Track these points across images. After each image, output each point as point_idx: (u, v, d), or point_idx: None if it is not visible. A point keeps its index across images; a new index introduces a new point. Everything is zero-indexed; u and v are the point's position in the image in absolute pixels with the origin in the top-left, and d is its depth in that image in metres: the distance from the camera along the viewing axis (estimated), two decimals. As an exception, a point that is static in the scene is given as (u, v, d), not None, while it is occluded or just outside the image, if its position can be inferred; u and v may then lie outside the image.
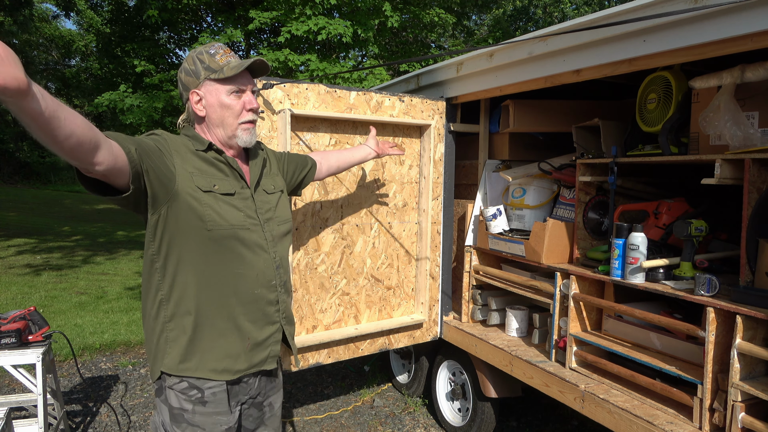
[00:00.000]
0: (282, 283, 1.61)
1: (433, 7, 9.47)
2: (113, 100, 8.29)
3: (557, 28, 2.18)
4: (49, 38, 22.84)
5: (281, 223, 1.65)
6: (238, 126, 1.53)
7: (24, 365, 2.60)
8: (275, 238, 1.60)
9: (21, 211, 13.85)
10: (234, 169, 1.55)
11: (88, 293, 6.43)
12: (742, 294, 1.75)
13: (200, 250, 1.44)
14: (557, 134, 3.16)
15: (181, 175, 1.41)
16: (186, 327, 1.45)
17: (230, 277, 1.48)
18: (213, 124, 1.53)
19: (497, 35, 13.48)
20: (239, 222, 1.49)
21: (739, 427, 1.70)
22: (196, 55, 1.51)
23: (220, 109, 1.50)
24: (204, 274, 1.45)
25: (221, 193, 1.48)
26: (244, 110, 1.53)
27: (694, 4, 1.67)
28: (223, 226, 1.45)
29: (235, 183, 1.54)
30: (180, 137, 1.52)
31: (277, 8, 7.64)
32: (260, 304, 1.54)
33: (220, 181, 1.50)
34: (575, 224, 2.50)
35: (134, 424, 3.34)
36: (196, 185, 1.43)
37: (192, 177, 1.43)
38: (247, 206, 1.54)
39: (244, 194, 1.55)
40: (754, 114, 1.91)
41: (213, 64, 1.49)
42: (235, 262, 1.48)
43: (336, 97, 2.62)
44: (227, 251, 1.46)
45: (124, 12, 10.08)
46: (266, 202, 1.62)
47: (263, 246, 1.55)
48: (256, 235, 1.53)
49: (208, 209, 1.43)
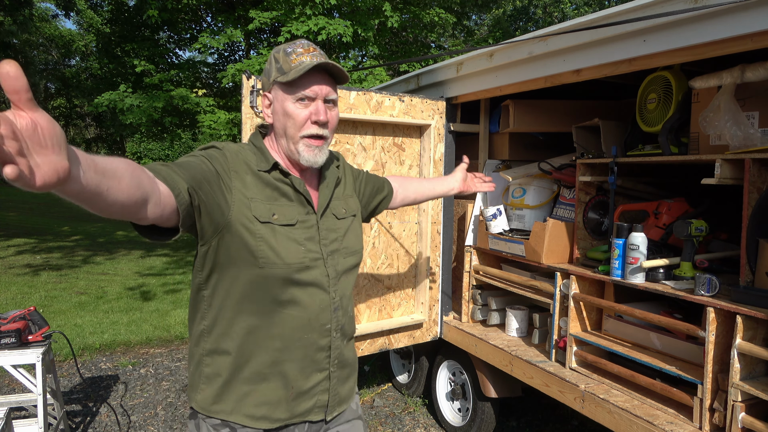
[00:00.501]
0: (339, 327, 1.39)
1: (433, 7, 9.48)
2: (113, 99, 8.29)
3: (557, 28, 2.18)
4: (49, 38, 22.85)
5: (348, 255, 1.42)
6: (299, 140, 1.30)
7: (24, 365, 2.60)
8: (338, 273, 1.38)
9: (21, 211, 13.85)
10: (300, 192, 1.33)
11: (88, 293, 6.43)
12: (742, 294, 1.75)
13: (249, 288, 1.26)
14: (557, 134, 3.16)
15: (237, 203, 1.23)
16: (223, 368, 1.30)
17: (278, 319, 1.29)
18: (278, 134, 1.34)
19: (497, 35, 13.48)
20: (297, 260, 1.28)
21: (740, 427, 1.70)
22: (274, 52, 1.33)
23: (283, 118, 1.30)
24: (250, 314, 1.28)
25: (280, 224, 1.27)
26: (309, 121, 1.29)
27: (694, 4, 1.67)
28: (277, 264, 1.25)
29: (300, 209, 1.33)
30: (244, 151, 1.32)
31: (277, 8, 7.65)
32: (309, 351, 1.34)
33: (282, 208, 1.29)
34: (575, 224, 2.50)
35: (134, 424, 3.34)
36: (253, 215, 1.23)
37: (250, 205, 1.24)
38: (310, 237, 1.32)
39: (308, 222, 1.33)
40: (754, 114, 1.91)
41: (285, 65, 1.28)
42: (286, 303, 1.29)
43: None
44: (279, 291, 1.27)
45: (124, 12, 10.09)
46: (333, 230, 1.39)
47: (323, 285, 1.33)
48: (315, 273, 1.31)
49: (263, 244, 1.24)
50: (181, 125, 9.81)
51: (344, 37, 7.57)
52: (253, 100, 2.43)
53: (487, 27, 19.25)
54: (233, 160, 1.27)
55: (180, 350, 4.72)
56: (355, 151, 2.74)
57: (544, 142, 3.22)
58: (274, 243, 1.25)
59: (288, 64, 1.28)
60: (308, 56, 1.28)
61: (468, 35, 13.84)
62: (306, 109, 1.29)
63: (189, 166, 1.17)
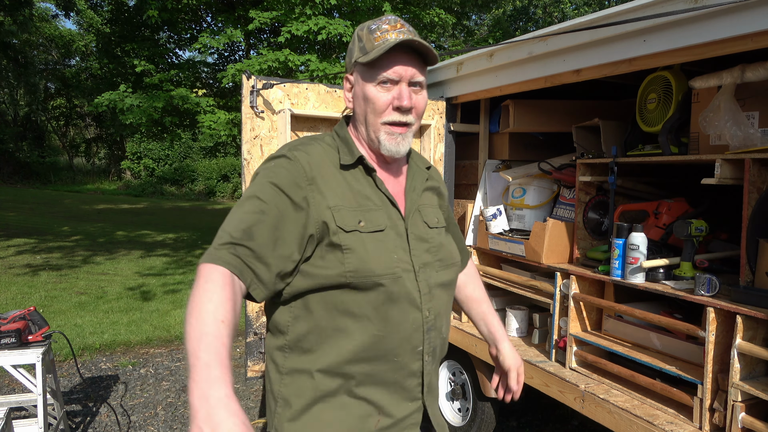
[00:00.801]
0: (431, 350, 1.20)
1: (433, 7, 9.48)
2: (113, 99, 8.29)
3: (557, 28, 2.18)
4: (49, 38, 22.86)
5: (443, 268, 1.23)
6: (380, 127, 1.16)
7: (24, 365, 2.60)
8: (432, 288, 1.18)
9: (21, 211, 13.86)
10: (384, 194, 1.19)
11: (88, 293, 6.43)
12: (743, 294, 1.75)
13: (334, 303, 1.11)
14: (557, 134, 3.16)
15: (319, 221, 1.09)
16: (303, 391, 1.14)
17: (365, 339, 1.12)
18: (358, 121, 1.21)
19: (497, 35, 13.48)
20: (386, 269, 1.11)
21: (740, 427, 1.70)
22: (358, 30, 1.19)
23: (363, 103, 1.16)
24: (334, 333, 1.12)
25: (368, 231, 1.12)
26: (391, 107, 1.14)
27: (694, 4, 1.67)
28: (364, 275, 1.09)
29: (387, 212, 1.17)
30: (323, 145, 1.19)
31: (277, 8, 7.65)
32: (398, 375, 1.16)
33: (369, 213, 1.14)
34: (575, 224, 2.50)
35: (134, 424, 3.34)
36: (337, 225, 1.09)
37: (333, 215, 1.10)
38: (399, 245, 1.15)
39: (397, 228, 1.17)
40: (754, 114, 1.91)
41: (367, 44, 1.14)
42: (374, 320, 1.11)
43: (336, 97, 2.62)
44: (367, 307, 1.11)
45: (124, 12, 10.09)
46: (424, 239, 1.21)
47: (414, 300, 1.15)
48: (407, 286, 1.14)
49: (350, 255, 1.09)
50: (181, 125, 9.81)
51: (344, 37, 7.58)
52: (253, 100, 2.43)
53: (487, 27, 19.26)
54: (310, 167, 1.12)
55: (180, 350, 4.72)
56: (355, 151, 2.74)
57: (544, 142, 3.22)
58: (362, 252, 1.10)
59: (371, 43, 1.14)
60: (394, 33, 1.13)
61: (468, 35, 13.85)
62: (388, 93, 1.14)
63: (262, 237, 1.03)
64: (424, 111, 1.21)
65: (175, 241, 10.64)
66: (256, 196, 1.07)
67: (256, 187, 1.10)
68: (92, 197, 19.69)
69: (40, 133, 24.93)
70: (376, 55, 1.10)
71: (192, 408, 0.80)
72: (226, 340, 0.89)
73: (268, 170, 1.12)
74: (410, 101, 1.15)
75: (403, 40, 1.10)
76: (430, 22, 9.31)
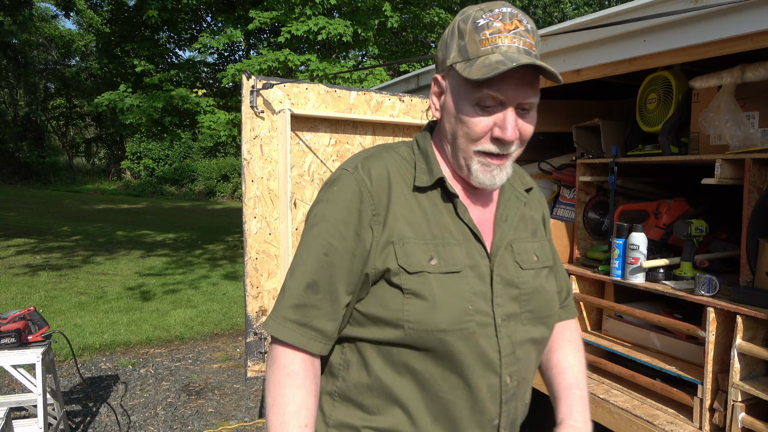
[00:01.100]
0: (510, 423, 0.98)
1: (433, 7, 9.49)
2: (113, 99, 8.31)
3: (557, 28, 2.18)
4: (49, 38, 22.85)
5: (535, 322, 0.97)
6: (472, 155, 0.92)
7: (24, 365, 2.60)
8: (516, 347, 0.94)
9: (21, 211, 13.86)
10: (467, 224, 0.95)
11: (88, 293, 6.43)
12: (743, 294, 1.75)
13: (390, 355, 0.92)
14: (557, 134, 3.16)
15: (378, 254, 0.91)
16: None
17: (426, 405, 0.92)
18: (444, 138, 0.97)
19: (497, 35, 13.46)
20: (456, 322, 0.88)
21: (740, 427, 1.70)
22: (460, 20, 0.91)
23: (455, 121, 0.92)
24: (389, 391, 0.92)
25: (440, 272, 0.90)
26: (489, 135, 0.90)
27: (694, 4, 1.67)
28: (426, 328, 0.88)
29: (467, 249, 0.93)
30: (399, 161, 0.97)
31: (277, 8, 7.65)
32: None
33: (444, 248, 0.92)
34: (575, 224, 2.50)
35: (134, 424, 3.34)
36: (399, 265, 0.89)
37: (396, 251, 0.90)
38: (479, 291, 0.91)
39: (478, 269, 0.93)
40: (754, 114, 1.91)
41: (470, 46, 0.88)
42: (438, 384, 0.90)
43: (336, 97, 2.62)
44: (430, 366, 0.90)
45: (123, 12, 10.10)
46: (513, 284, 0.95)
47: (491, 363, 0.91)
48: (483, 344, 0.90)
49: (411, 302, 0.88)
50: (181, 125, 9.82)
51: (344, 37, 7.58)
52: (253, 100, 2.43)
53: (487, 27, 19.22)
54: (377, 190, 0.93)
55: (180, 350, 4.72)
56: (355, 151, 2.74)
57: (544, 141, 3.22)
58: (429, 299, 0.88)
59: (474, 46, 0.87)
60: (507, 38, 0.86)
61: (468, 35, 13.82)
62: (489, 118, 0.88)
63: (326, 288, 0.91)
64: (531, 135, 0.94)
65: (175, 241, 10.65)
66: (319, 235, 0.93)
67: (316, 223, 0.94)
68: (92, 197, 19.69)
69: (40, 133, 24.93)
70: (481, 78, 0.83)
71: None
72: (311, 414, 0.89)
73: (329, 200, 0.95)
74: (515, 131, 0.88)
75: (522, 63, 0.82)
76: (430, 22, 9.32)
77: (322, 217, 0.94)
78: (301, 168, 2.63)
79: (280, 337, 0.91)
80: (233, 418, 3.44)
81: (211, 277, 7.55)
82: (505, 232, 0.99)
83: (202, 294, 6.59)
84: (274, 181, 2.51)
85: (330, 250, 0.91)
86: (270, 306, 2.58)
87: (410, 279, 0.89)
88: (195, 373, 4.20)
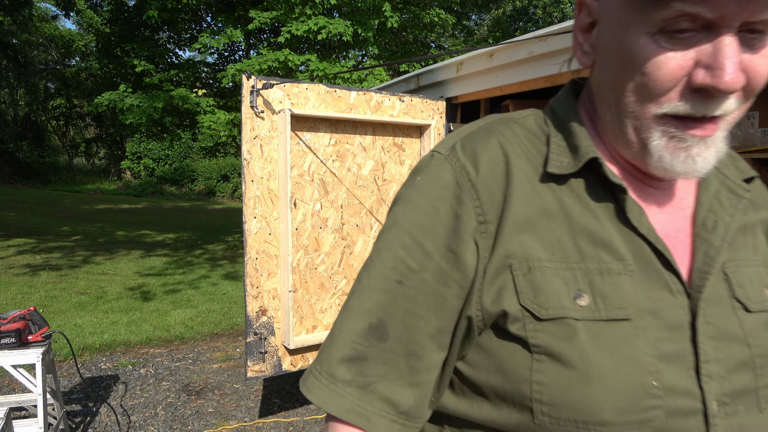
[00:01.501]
0: None
1: (433, 7, 9.50)
2: (113, 100, 8.32)
3: (557, 28, 2.18)
4: (49, 38, 22.87)
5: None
6: (652, 122, 0.54)
7: (24, 365, 2.60)
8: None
9: (21, 211, 13.87)
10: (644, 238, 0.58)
11: (88, 293, 6.43)
12: None
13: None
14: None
15: (486, 285, 0.57)
16: None
17: None
18: (601, 98, 0.60)
19: (497, 35, 13.50)
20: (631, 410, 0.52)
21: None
22: None
23: (618, 66, 0.54)
24: None
25: (595, 319, 0.54)
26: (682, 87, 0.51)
27: None
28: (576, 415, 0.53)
29: (646, 279, 0.56)
30: (523, 135, 0.63)
31: (277, 8, 7.67)
32: None
33: (604, 277, 0.56)
34: None
35: (134, 424, 3.34)
36: (522, 305, 0.55)
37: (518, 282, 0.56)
38: (670, 355, 0.54)
39: (666, 315, 0.55)
40: (754, 114, 1.92)
41: None
42: None
43: (336, 97, 2.62)
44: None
45: (123, 12, 10.11)
46: (737, 338, 0.57)
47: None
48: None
49: (546, 365, 0.54)
50: (181, 125, 9.83)
51: (344, 37, 7.59)
52: (253, 100, 2.43)
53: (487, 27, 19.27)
54: (489, 183, 0.59)
55: (180, 350, 4.73)
56: (355, 151, 2.74)
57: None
58: (578, 366, 0.53)
59: None
60: None
61: (468, 35, 13.86)
62: (683, 54, 0.50)
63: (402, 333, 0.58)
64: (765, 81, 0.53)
65: (175, 241, 10.65)
66: (389, 251, 0.60)
67: (391, 229, 0.62)
68: (92, 197, 19.71)
69: (40, 133, 24.95)
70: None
71: None
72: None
73: (409, 197, 0.61)
74: (738, 76, 0.49)
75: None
76: (430, 22, 9.33)
77: (394, 223, 0.61)
78: (301, 168, 2.64)
79: (323, 406, 0.58)
80: (233, 418, 3.44)
81: (211, 277, 7.55)
82: (714, 249, 0.58)
83: (202, 294, 6.59)
84: (274, 181, 2.51)
85: (406, 275, 0.58)
86: (270, 306, 2.58)
87: (542, 329, 0.54)
88: (195, 373, 4.20)
